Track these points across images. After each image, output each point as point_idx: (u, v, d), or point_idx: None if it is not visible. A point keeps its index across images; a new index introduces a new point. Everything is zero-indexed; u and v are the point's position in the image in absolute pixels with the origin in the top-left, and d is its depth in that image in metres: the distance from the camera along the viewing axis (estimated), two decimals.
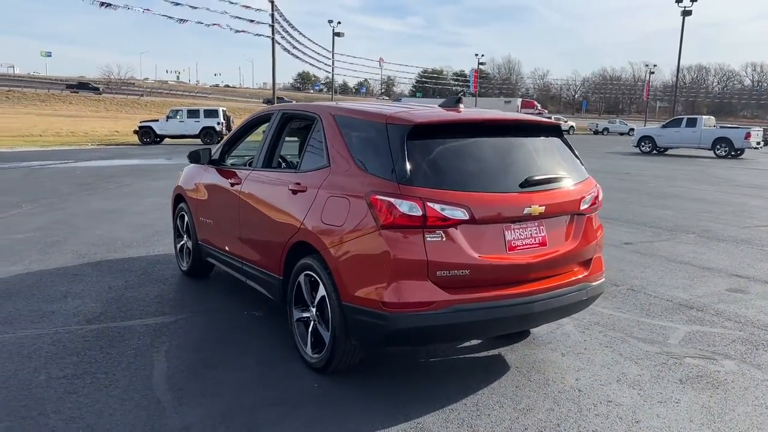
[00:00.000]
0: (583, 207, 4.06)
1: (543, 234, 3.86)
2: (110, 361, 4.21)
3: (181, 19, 34.30)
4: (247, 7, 42.36)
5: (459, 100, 4.21)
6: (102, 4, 38.48)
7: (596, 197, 4.19)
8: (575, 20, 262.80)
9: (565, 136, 4.32)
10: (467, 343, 4.69)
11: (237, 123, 39.52)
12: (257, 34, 49.88)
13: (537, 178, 3.84)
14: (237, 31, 33.89)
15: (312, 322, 4.11)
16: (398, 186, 3.55)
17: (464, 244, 3.56)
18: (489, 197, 3.65)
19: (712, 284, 6.47)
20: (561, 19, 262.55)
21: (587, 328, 5.08)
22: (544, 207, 3.79)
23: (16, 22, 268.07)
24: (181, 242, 6.48)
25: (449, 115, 4.00)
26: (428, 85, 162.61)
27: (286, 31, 37.69)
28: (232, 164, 5.75)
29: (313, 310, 4.07)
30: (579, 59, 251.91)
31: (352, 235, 3.69)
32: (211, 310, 5.38)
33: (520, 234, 3.77)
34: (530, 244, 3.80)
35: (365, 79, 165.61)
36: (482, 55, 73.76)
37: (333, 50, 49.30)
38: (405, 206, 3.48)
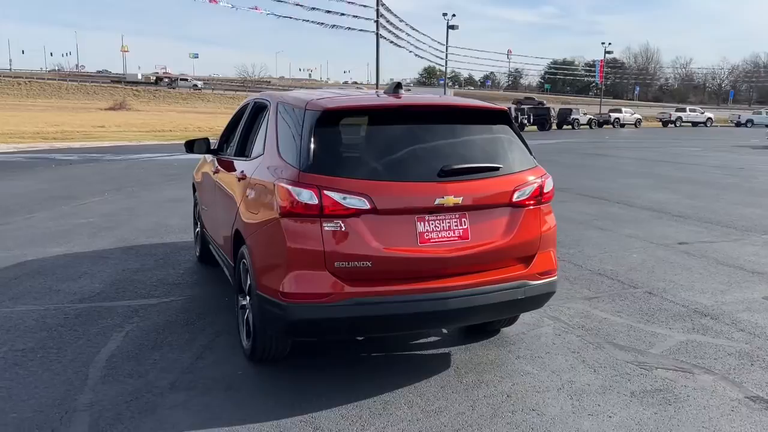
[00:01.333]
0: (518, 199, 3.75)
1: (465, 227, 3.61)
2: (71, 338, 4.47)
3: (280, 15, 35.26)
4: (351, 2, 43.02)
5: (399, 86, 4.04)
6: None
7: (539, 189, 3.85)
8: (724, 3, 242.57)
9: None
10: (420, 339, 4.51)
11: None
12: (361, 30, 50.75)
13: (455, 167, 3.60)
14: (346, 28, 34.49)
15: (247, 310, 4.13)
16: (299, 173, 3.48)
17: (366, 235, 3.42)
18: (395, 186, 3.47)
19: (750, 291, 5.75)
20: (707, 3, 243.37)
21: (568, 330, 4.70)
22: (461, 198, 3.54)
23: (167, 25, 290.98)
24: (197, 229, 6.75)
25: (365, 100, 3.85)
26: (558, 76, 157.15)
27: (393, 25, 37.80)
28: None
29: (248, 298, 4.09)
30: (727, 46, 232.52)
31: (263, 223, 3.67)
32: (198, 295, 5.55)
33: (435, 226, 3.55)
34: (448, 238, 3.57)
35: (491, 72, 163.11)
36: (609, 44, 69.66)
37: (447, 43, 49.06)
38: (302, 194, 3.40)
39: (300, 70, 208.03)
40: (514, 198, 3.73)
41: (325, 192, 3.38)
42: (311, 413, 3.44)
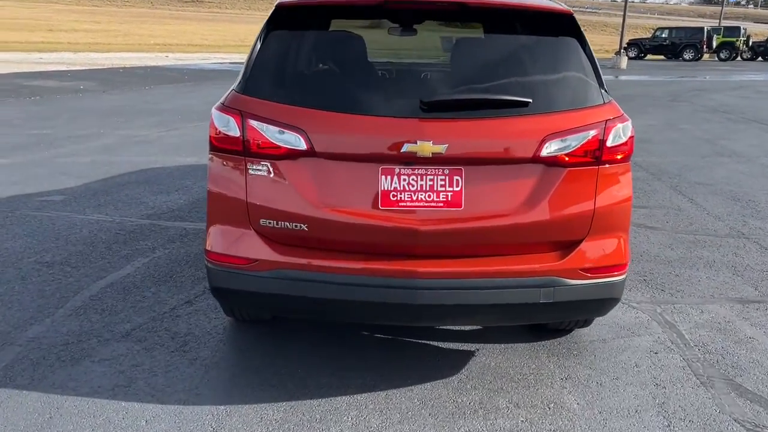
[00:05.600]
0: (552, 153, 2.43)
1: (457, 189, 2.43)
2: (96, 257, 4.23)
3: None
4: None
5: None
6: None
7: (598, 140, 2.46)
8: None
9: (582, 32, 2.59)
10: (452, 326, 3.42)
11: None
12: None
13: (442, 98, 2.39)
14: None
15: None
16: (232, 94, 2.60)
17: (303, 187, 2.45)
18: (345, 121, 2.42)
19: None
20: None
21: (674, 348, 3.25)
22: (444, 146, 2.35)
23: None
24: None
25: None
26: None
27: None
28: None
29: None
30: None
31: None
32: None
33: (409, 184, 2.43)
34: (428, 202, 2.44)
35: None
36: None
37: None
38: (224, 122, 2.53)
39: None
40: (545, 151, 2.42)
41: (250, 121, 2.46)
42: (228, 405, 2.69)
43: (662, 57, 36.60)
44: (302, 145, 2.41)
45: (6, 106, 11.03)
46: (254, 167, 2.48)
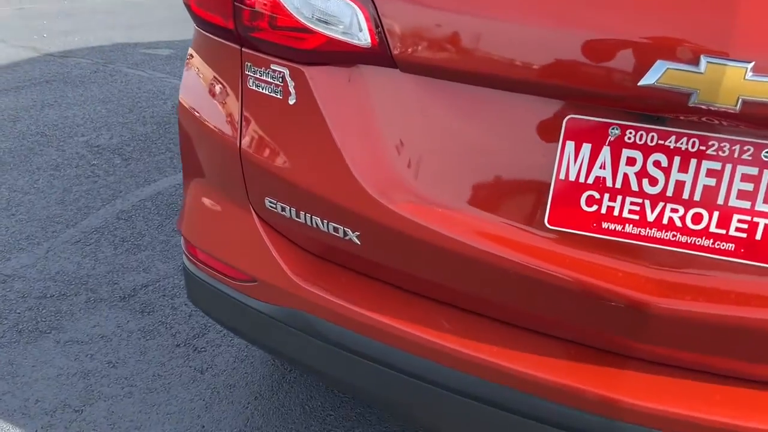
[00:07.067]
0: None
1: None
2: (164, 148, 3.20)
3: None
4: None
5: None
6: None
7: None
8: None
9: None
10: None
11: None
12: None
13: None
14: None
15: None
16: None
17: (353, 137, 0.98)
18: None
19: None
20: None
21: None
22: None
23: None
24: None
25: None
26: None
27: None
28: None
29: None
30: None
31: None
32: None
33: (641, 173, 0.86)
34: (691, 233, 0.86)
35: None
36: None
37: None
38: None
39: None
40: None
41: None
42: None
43: None
44: (363, 35, 0.91)
45: None
46: (257, 74, 1.04)
